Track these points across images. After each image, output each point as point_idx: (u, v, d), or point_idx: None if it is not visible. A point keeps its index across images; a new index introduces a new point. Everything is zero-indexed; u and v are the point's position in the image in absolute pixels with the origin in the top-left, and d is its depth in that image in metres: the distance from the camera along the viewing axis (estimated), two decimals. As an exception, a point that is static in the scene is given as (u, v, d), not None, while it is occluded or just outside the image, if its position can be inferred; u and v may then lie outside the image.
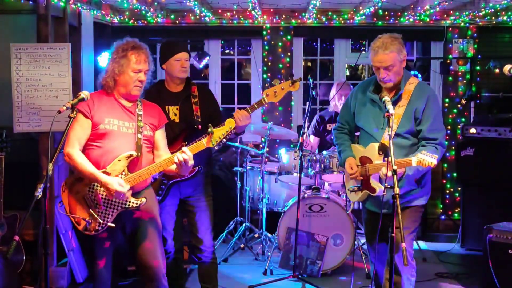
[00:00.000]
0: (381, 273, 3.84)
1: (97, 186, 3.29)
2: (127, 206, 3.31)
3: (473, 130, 5.72)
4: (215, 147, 3.53)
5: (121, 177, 3.28)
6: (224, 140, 3.44)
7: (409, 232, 3.64)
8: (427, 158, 3.28)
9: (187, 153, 3.32)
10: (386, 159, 3.34)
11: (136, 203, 3.32)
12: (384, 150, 3.48)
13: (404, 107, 3.56)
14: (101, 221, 3.27)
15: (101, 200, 3.28)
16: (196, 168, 3.80)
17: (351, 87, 5.92)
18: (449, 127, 6.62)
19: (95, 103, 3.38)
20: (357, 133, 4.00)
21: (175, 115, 4.01)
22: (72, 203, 3.30)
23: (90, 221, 3.26)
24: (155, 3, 6.00)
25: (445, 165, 6.78)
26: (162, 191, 3.91)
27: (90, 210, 3.28)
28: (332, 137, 5.70)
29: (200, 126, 3.94)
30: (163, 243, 3.71)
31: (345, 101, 3.96)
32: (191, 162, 3.35)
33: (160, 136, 3.58)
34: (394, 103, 3.55)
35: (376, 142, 3.60)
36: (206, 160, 4.14)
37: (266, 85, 6.80)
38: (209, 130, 3.36)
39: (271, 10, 6.59)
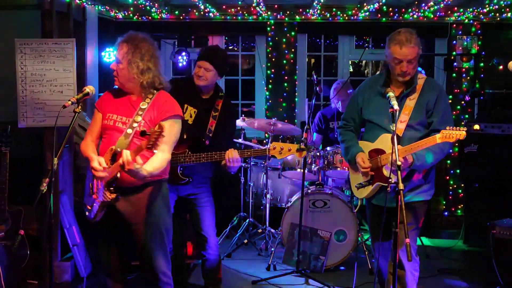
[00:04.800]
0: (385, 269, 3.85)
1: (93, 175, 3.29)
2: (103, 199, 3.27)
3: (476, 127, 5.71)
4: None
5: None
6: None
7: (413, 227, 3.65)
8: (453, 131, 3.25)
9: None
10: (398, 146, 3.28)
11: (109, 198, 3.25)
12: (398, 139, 3.45)
13: (415, 100, 3.61)
14: (90, 208, 3.31)
15: (94, 188, 3.30)
16: (186, 179, 3.85)
17: (351, 88, 5.87)
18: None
19: (108, 98, 3.42)
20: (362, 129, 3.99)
21: (191, 116, 3.96)
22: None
23: (88, 208, 3.33)
24: (160, -1, 6.02)
25: (449, 161, 6.78)
26: None
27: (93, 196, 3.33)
28: (335, 135, 5.72)
29: (208, 142, 3.90)
30: None
31: (351, 98, 3.95)
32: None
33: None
34: (407, 95, 3.61)
35: (388, 133, 3.56)
36: (211, 166, 4.07)
37: (270, 81, 6.81)
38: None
39: (275, 6, 6.59)
